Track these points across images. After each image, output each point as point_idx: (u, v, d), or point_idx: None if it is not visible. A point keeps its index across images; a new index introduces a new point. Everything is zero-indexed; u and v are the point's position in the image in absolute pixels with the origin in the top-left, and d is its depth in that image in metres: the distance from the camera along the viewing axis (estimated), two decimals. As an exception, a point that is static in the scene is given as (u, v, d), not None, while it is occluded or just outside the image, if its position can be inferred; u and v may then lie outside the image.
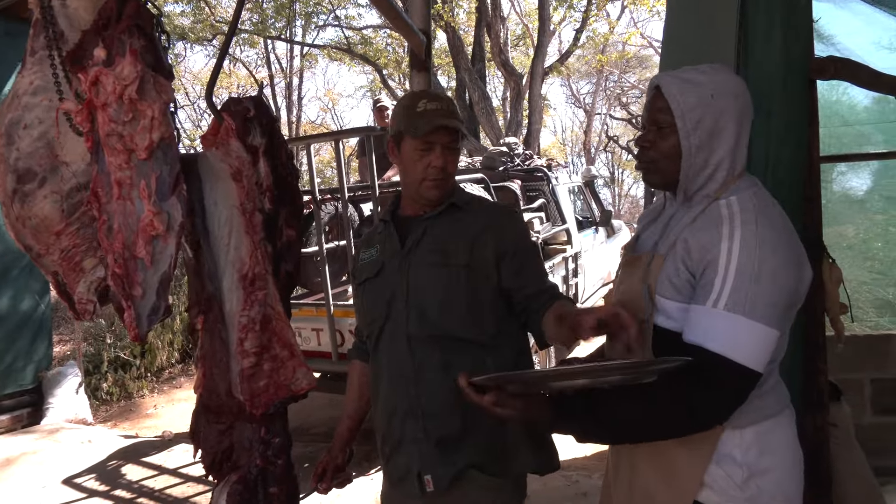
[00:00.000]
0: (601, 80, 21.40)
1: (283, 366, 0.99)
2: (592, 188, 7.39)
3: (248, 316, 0.95)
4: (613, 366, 1.02)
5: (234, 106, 0.99)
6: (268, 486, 1.05)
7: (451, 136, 1.41)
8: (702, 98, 1.15)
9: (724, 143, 1.16)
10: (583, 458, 3.62)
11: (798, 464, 1.21)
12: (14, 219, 1.21)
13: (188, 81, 17.86)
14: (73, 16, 1.23)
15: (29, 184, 1.18)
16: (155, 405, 5.74)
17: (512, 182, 5.37)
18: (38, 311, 4.80)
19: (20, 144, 1.20)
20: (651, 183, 1.28)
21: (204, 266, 0.94)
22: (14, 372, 4.67)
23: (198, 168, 0.96)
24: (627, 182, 27.18)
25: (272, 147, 1.01)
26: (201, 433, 1.00)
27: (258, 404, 0.98)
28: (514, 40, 14.92)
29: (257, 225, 0.95)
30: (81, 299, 1.17)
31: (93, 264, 1.20)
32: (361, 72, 19.14)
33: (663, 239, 1.23)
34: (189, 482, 3.70)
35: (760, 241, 1.08)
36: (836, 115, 3.98)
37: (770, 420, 1.17)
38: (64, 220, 1.19)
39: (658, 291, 1.18)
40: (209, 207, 0.96)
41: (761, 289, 1.06)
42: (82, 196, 1.19)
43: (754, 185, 1.19)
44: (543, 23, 11.32)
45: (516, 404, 1.06)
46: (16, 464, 3.97)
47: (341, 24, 14.81)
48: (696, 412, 1.07)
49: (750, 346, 1.06)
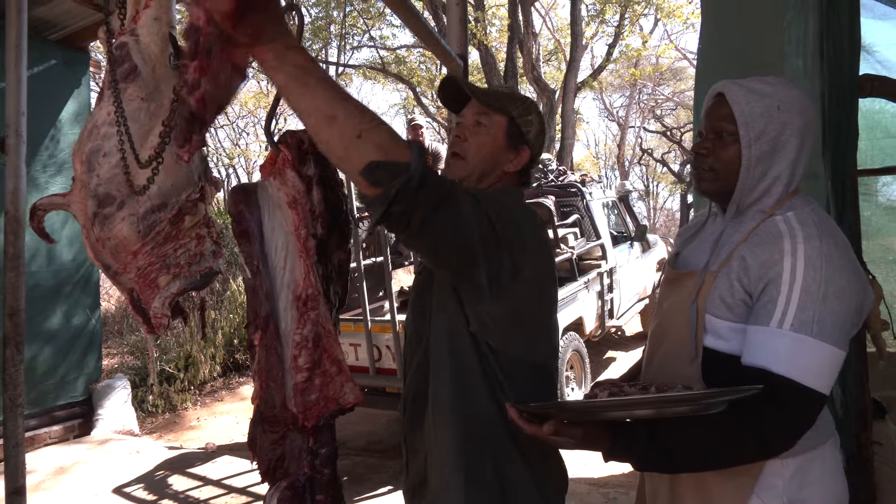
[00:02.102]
0: (634, 92, 21.27)
1: (332, 381, 1.06)
2: (627, 203, 7.35)
3: (301, 334, 1.01)
4: (681, 397, 0.97)
5: (291, 138, 1.06)
6: (315, 493, 1.10)
7: (463, 106, 1.30)
8: (767, 108, 1.11)
9: (785, 157, 1.13)
10: (620, 475, 3.59)
11: (841, 497, 1.15)
12: (94, 240, 1.30)
13: (228, 102, 18.33)
14: (145, 51, 1.33)
15: (108, 207, 1.27)
16: (198, 418, 5.89)
17: (546, 198, 5.40)
18: (88, 325, 4.98)
19: (100, 171, 1.29)
20: (705, 192, 1.23)
21: (262, 287, 1.02)
22: (66, 384, 4.86)
23: (257, 197, 1.04)
24: (662, 195, 26.83)
25: (325, 176, 1.08)
26: (258, 442, 1.06)
27: (310, 416, 1.04)
28: (546, 56, 14.99)
29: (311, 249, 1.01)
30: (157, 314, 1.26)
31: (167, 281, 1.29)
32: (395, 90, 19.44)
33: (714, 256, 1.17)
34: (232, 493, 3.80)
35: (826, 258, 1.03)
36: (878, 126, 3.89)
37: (815, 450, 1.12)
38: (140, 240, 1.27)
39: (708, 310, 1.13)
40: (267, 234, 1.04)
41: (829, 308, 1.01)
42: (157, 217, 1.28)
43: (811, 203, 1.15)
44: (575, 38, 11.37)
45: (576, 433, 1.02)
46: (69, 472, 4.14)
47: (376, 45, 15.13)
48: (766, 440, 1.02)
49: (818, 368, 1.01)
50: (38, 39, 4.43)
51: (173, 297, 1.26)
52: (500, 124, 1.27)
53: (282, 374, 1.01)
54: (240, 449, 4.57)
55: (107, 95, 1.29)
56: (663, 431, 1.05)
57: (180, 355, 6.52)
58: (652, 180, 26.63)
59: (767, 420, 1.00)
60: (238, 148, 19.10)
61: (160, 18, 1.31)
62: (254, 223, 1.03)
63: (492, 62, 11.13)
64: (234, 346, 7.00)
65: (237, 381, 6.85)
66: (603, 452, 1.06)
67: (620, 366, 6.44)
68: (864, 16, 2.79)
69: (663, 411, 0.96)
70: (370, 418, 5.17)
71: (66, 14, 4.24)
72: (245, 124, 19.08)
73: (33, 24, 4.03)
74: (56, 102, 4.58)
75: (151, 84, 1.32)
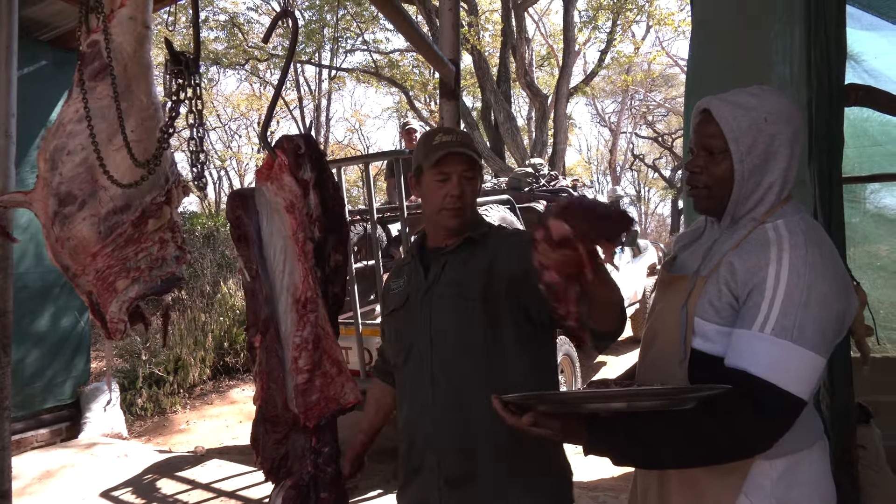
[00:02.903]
0: (626, 98, 21.42)
1: (332, 381, 1.06)
2: (618, 208, 7.38)
3: (301, 336, 1.02)
4: (651, 391, 1.01)
5: (287, 143, 1.07)
6: (319, 491, 1.11)
7: (466, 164, 1.44)
8: (755, 122, 1.13)
9: (776, 167, 1.14)
10: (610, 479, 3.61)
11: (829, 500, 1.17)
12: (54, 240, 1.29)
13: (220, 104, 18.34)
14: (117, 49, 1.32)
15: (69, 206, 1.25)
16: (187, 421, 5.86)
17: (537, 203, 5.43)
18: (77, 328, 4.94)
19: (63, 169, 1.28)
20: (703, 210, 1.25)
21: (262, 291, 1.02)
22: (54, 387, 4.82)
23: (255, 202, 1.05)
24: (654, 200, 26.99)
25: (321, 180, 1.08)
26: (261, 441, 1.07)
27: (311, 416, 1.05)
28: (538, 61, 15.08)
29: (308, 252, 1.02)
30: (113, 318, 1.24)
31: (125, 285, 1.27)
32: (388, 93, 19.49)
33: (706, 262, 1.20)
34: (222, 497, 3.78)
35: (810, 266, 1.05)
36: (865, 135, 3.94)
37: (801, 452, 1.13)
38: (100, 241, 1.26)
39: (697, 314, 1.15)
40: (265, 238, 1.04)
41: (810, 314, 1.03)
42: (119, 219, 1.26)
43: (800, 211, 1.17)
44: (568, 44, 11.44)
45: (554, 424, 1.04)
46: (56, 476, 4.10)
47: (369, 48, 15.15)
48: (742, 439, 1.04)
49: (797, 372, 1.02)
50: (28, 40, 4.40)
51: (131, 302, 1.25)
52: (479, 170, 1.47)
53: (283, 376, 1.02)
54: (229, 452, 4.55)
55: (75, 93, 1.28)
56: (641, 426, 1.07)
57: (170, 358, 6.49)
58: (643, 185, 26.79)
59: (743, 419, 1.02)
60: (230, 150, 19.05)
61: (135, 18, 1.30)
62: (252, 228, 1.03)
63: (485, 67, 11.17)
64: (223, 349, 6.96)
65: (227, 384, 6.81)
66: (583, 446, 1.08)
67: (611, 370, 6.47)
68: (851, 26, 2.84)
69: (634, 405, 0.99)
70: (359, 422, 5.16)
71: (57, 14, 4.21)
72: (237, 127, 19.06)
73: (24, 24, 3.99)
74: (47, 103, 4.55)
75: (123, 83, 1.31)
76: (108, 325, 1.24)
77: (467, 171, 1.44)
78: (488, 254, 1.43)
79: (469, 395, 1.36)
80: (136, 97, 1.36)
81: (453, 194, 1.42)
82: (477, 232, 1.48)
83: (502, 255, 1.41)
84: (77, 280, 1.29)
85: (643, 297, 7.24)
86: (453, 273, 1.45)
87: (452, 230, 1.47)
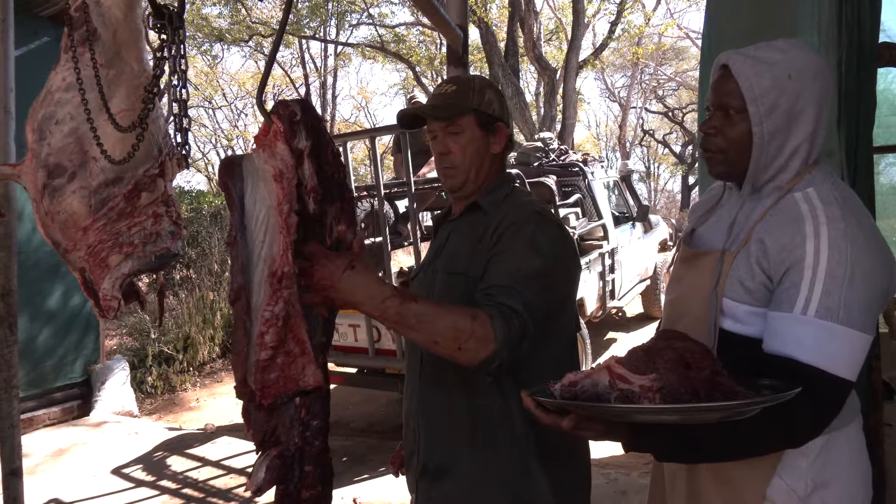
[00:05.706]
0: (636, 72, 21.05)
1: (294, 361, 1.02)
2: (629, 183, 7.28)
3: (271, 311, 0.97)
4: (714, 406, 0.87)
5: (283, 109, 1.01)
6: (304, 464, 1.08)
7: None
8: (777, 79, 1.04)
9: (801, 129, 1.05)
10: (621, 456, 3.58)
11: (865, 476, 1.12)
12: (43, 214, 1.24)
13: (225, 82, 18.22)
14: (107, 14, 1.26)
15: (58, 179, 1.20)
16: (197, 399, 5.89)
17: (547, 177, 5.34)
18: (86, 306, 4.94)
19: (51, 140, 1.22)
20: (718, 175, 1.17)
21: (237, 259, 0.98)
22: (65, 366, 4.85)
23: (241, 169, 1.00)
24: (664, 176, 26.72)
25: (318, 147, 1.02)
26: (251, 415, 1.03)
27: (267, 395, 1.01)
28: (547, 34, 14.79)
29: (292, 226, 0.97)
30: (106, 296, 1.19)
31: (118, 260, 1.21)
32: (394, 69, 19.26)
33: (732, 238, 1.12)
34: (231, 474, 3.80)
35: (851, 239, 0.98)
36: (885, 103, 3.82)
37: (839, 430, 1.07)
38: (91, 215, 1.20)
39: (726, 294, 1.08)
40: (248, 205, 0.99)
41: (855, 293, 0.96)
42: (110, 192, 1.21)
43: (831, 176, 1.08)
44: (577, 16, 11.19)
45: (598, 427, 0.95)
46: (68, 453, 4.13)
47: (374, 23, 14.92)
48: (793, 430, 0.98)
49: (846, 355, 0.97)
50: (28, 15, 4.33)
51: (125, 279, 1.20)
52: (470, 122, 1.30)
53: (246, 350, 0.98)
54: (239, 430, 4.56)
55: (63, 60, 1.22)
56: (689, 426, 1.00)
57: (179, 336, 6.51)
58: (653, 161, 26.50)
59: (795, 410, 0.94)
60: (236, 129, 18.96)
61: None
62: (235, 194, 0.98)
63: (492, 41, 10.97)
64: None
65: (236, 362, 6.85)
66: (623, 444, 1.00)
67: (621, 346, 6.43)
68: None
69: (692, 418, 0.89)
70: (371, 399, 5.16)
71: (56, -11, 4.14)
72: (243, 105, 18.92)
73: (23, -2, 3.93)
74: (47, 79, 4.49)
75: (112, 50, 1.25)
76: (100, 302, 1.19)
77: (451, 126, 1.30)
78: (486, 226, 1.28)
79: (451, 375, 1.27)
80: (126, 64, 1.30)
81: (438, 151, 1.33)
82: (486, 199, 1.33)
83: (491, 231, 1.26)
84: (68, 256, 1.24)
85: (654, 274, 7.17)
86: (451, 245, 1.37)
87: (453, 192, 1.37)
